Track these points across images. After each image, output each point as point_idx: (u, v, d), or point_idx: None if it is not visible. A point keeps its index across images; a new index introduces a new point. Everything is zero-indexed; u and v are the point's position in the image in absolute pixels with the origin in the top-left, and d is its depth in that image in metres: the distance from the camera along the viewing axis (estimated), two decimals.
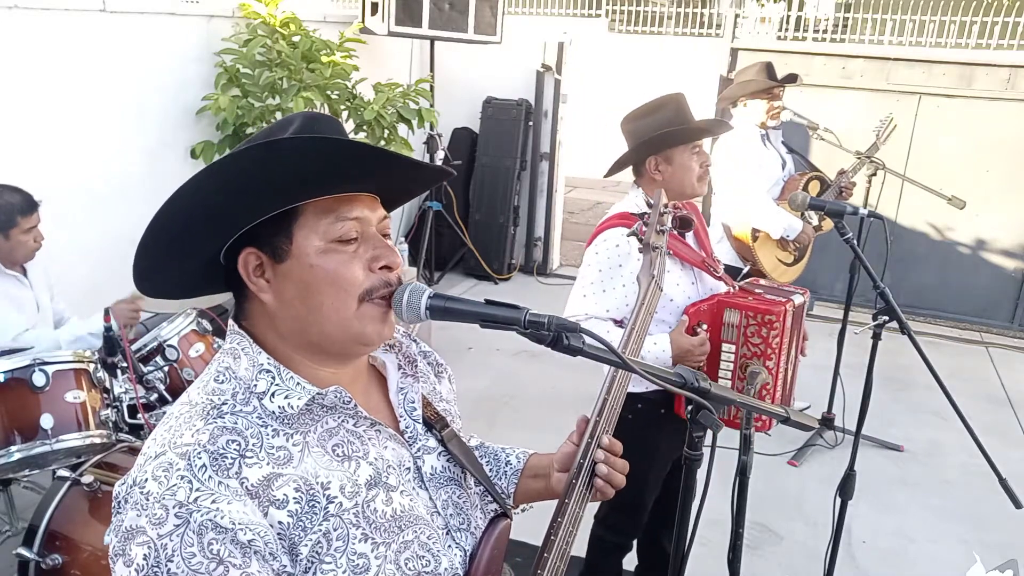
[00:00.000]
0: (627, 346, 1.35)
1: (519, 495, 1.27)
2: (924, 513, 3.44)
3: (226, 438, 0.87)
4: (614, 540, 2.45)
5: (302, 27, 4.43)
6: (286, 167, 0.90)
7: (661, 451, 2.26)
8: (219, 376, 0.94)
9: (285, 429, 0.92)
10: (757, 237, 3.65)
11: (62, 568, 2.04)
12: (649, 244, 1.62)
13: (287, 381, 0.94)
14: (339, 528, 0.89)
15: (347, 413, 0.98)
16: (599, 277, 2.11)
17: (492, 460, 1.30)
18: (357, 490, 0.93)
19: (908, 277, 5.85)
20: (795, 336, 2.19)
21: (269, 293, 0.96)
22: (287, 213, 0.94)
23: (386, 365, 1.11)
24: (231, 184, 0.91)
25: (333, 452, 0.94)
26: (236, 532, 0.81)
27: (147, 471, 0.84)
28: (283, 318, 0.97)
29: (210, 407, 0.90)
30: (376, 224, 0.99)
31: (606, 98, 9.92)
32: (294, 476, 0.89)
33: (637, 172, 2.22)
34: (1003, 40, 5.73)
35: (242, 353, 0.96)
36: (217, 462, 0.85)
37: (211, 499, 0.82)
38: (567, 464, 1.18)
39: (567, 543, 1.09)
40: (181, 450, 0.85)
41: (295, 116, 0.98)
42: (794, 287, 2.26)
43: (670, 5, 7.79)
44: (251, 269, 0.96)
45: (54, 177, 3.56)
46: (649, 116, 2.17)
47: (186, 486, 0.82)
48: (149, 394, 2.70)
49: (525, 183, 6.54)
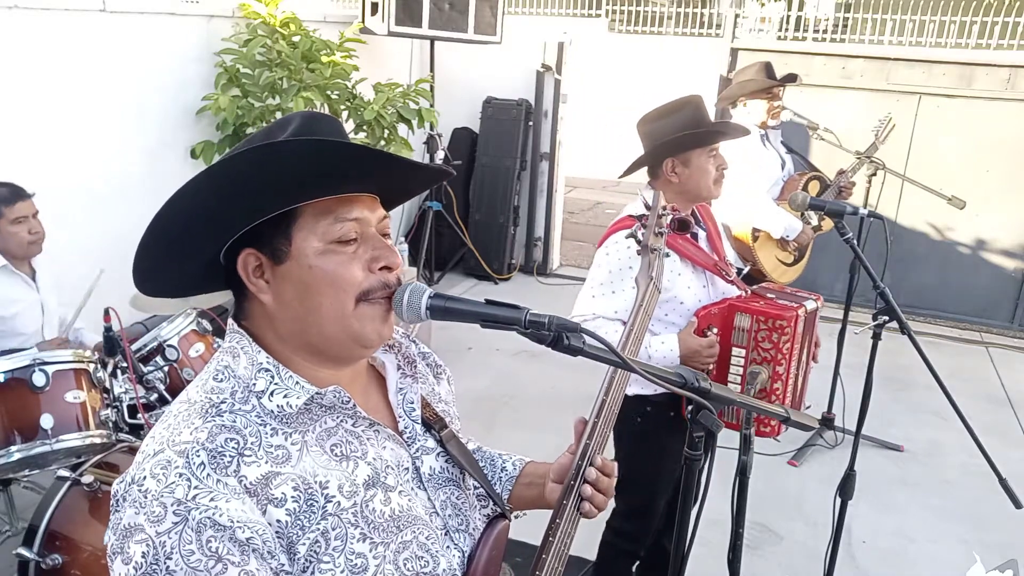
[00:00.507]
0: (625, 348, 1.35)
1: (512, 502, 1.26)
2: (924, 513, 3.44)
3: (225, 436, 0.87)
4: (625, 547, 2.44)
5: (302, 27, 4.43)
6: (283, 169, 0.90)
7: (671, 454, 2.25)
8: (218, 375, 0.94)
9: (284, 428, 0.92)
10: (757, 237, 3.65)
11: (62, 568, 2.04)
12: (647, 246, 1.61)
13: (286, 380, 0.94)
14: (337, 527, 0.89)
15: (346, 413, 0.98)
16: (608, 278, 2.11)
17: (488, 465, 1.30)
18: (355, 490, 0.93)
19: (908, 277, 5.85)
20: (807, 341, 2.18)
21: (268, 294, 0.96)
22: (286, 214, 0.94)
23: (385, 365, 1.11)
24: (228, 187, 0.91)
25: (331, 452, 0.94)
26: (235, 530, 0.82)
27: (145, 469, 0.84)
28: (282, 319, 0.97)
29: (209, 405, 0.90)
30: (376, 224, 0.99)
31: (606, 98, 9.93)
32: (292, 475, 0.89)
33: (653, 173, 2.22)
34: (1003, 40, 5.73)
35: (241, 352, 0.96)
36: (215, 460, 0.85)
37: (209, 497, 0.82)
38: (563, 475, 1.17)
39: (565, 544, 1.09)
40: (179, 448, 0.85)
41: (294, 116, 0.98)
42: (807, 292, 2.25)
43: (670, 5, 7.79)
44: (250, 270, 0.96)
45: (54, 177, 3.56)
46: (667, 117, 2.17)
47: (184, 484, 0.82)
48: (149, 394, 2.71)
49: (525, 183, 6.54)
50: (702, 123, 2.15)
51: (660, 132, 2.16)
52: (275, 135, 0.95)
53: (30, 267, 2.88)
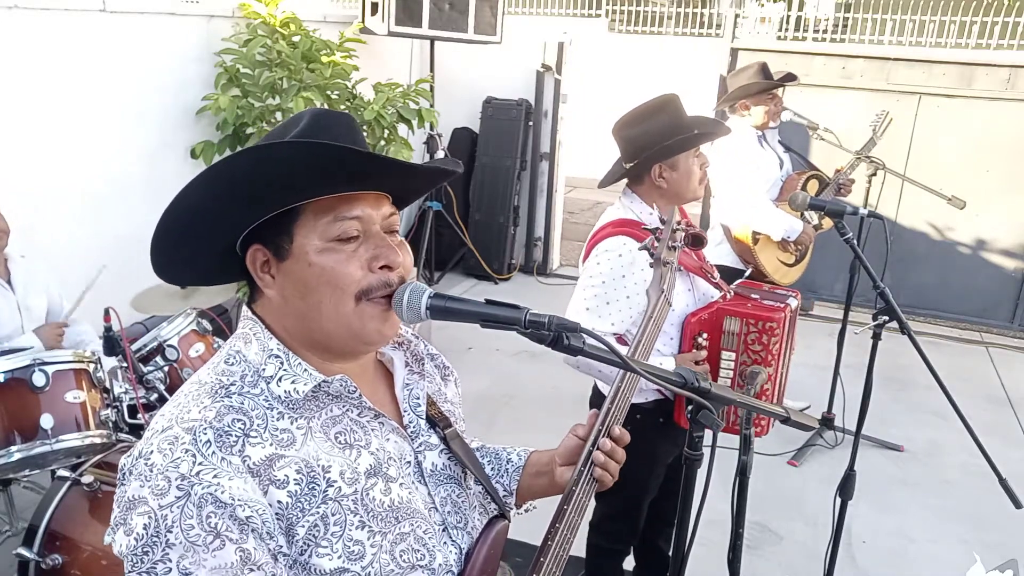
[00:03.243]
0: (635, 358, 1.35)
1: (522, 493, 1.27)
2: (924, 513, 3.44)
3: (232, 416, 0.89)
4: (611, 547, 2.44)
5: (302, 27, 4.43)
6: (279, 170, 0.91)
7: (658, 458, 2.27)
8: (229, 358, 0.97)
9: (290, 413, 0.93)
10: (758, 239, 3.64)
11: (62, 568, 2.04)
12: (661, 259, 1.61)
13: (295, 367, 0.96)
14: (337, 513, 0.91)
15: (352, 402, 0.99)
16: (603, 289, 2.04)
17: (493, 459, 1.30)
18: (356, 477, 0.94)
19: (908, 277, 5.85)
20: (791, 339, 2.19)
21: (273, 289, 0.98)
22: (288, 212, 0.95)
23: (393, 361, 1.12)
24: (226, 187, 0.92)
25: (335, 439, 0.96)
26: (235, 508, 0.83)
27: (153, 444, 0.86)
28: (287, 313, 0.98)
29: (219, 386, 0.93)
30: (381, 222, 0.99)
31: (606, 98, 9.91)
32: (296, 458, 0.90)
33: (637, 179, 2.15)
34: (1003, 40, 5.73)
35: (253, 338, 0.98)
36: (221, 439, 0.86)
37: (213, 474, 0.84)
38: (570, 457, 1.19)
39: (564, 550, 1.09)
40: (187, 425, 0.87)
41: (305, 113, 0.99)
42: (786, 289, 2.25)
43: (670, 5, 7.79)
44: (258, 265, 0.98)
45: (54, 177, 3.56)
46: (646, 122, 2.10)
47: (189, 459, 0.84)
48: (149, 394, 2.70)
49: (525, 183, 6.54)
50: (683, 125, 2.08)
51: (640, 138, 2.09)
52: (284, 133, 0.96)
53: (5, 268, 2.85)
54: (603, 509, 2.42)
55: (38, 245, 3.39)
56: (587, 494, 1.13)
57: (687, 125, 2.10)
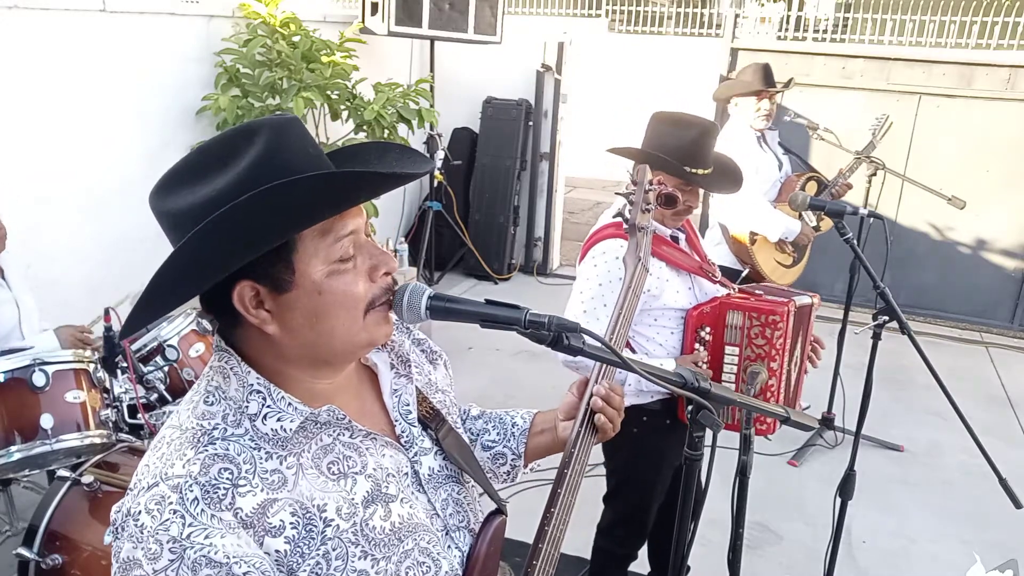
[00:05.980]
0: (615, 330, 1.37)
1: (529, 453, 1.30)
2: (924, 513, 3.44)
3: (218, 467, 0.86)
4: (620, 551, 2.42)
5: (302, 27, 4.43)
6: (286, 205, 0.85)
7: (667, 460, 2.25)
8: (209, 396, 0.93)
9: (278, 452, 0.91)
10: (755, 240, 3.65)
11: (62, 568, 2.04)
12: (635, 225, 1.60)
13: (278, 402, 0.92)
14: (338, 548, 0.89)
15: (342, 427, 0.97)
16: (599, 292, 2.04)
17: (498, 424, 1.33)
18: (354, 510, 0.92)
19: (908, 277, 5.85)
20: (799, 338, 2.17)
21: (273, 324, 0.92)
22: (283, 244, 0.89)
23: (378, 365, 1.10)
24: (226, 236, 0.85)
25: (328, 471, 0.93)
26: (231, 566, 0.81)
27: (140, 503, 0.84)
28: (290, 344, 0.93)
29: (200, 433, 0.89)
30: (364, 230, 0.97)
31: (606, 98, 9.93)
32: (290, 500, 0.88)
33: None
34: (1003, 40, 5.73)
35: (231, 373, 0.93)
36: (209, 495, 0.84)
37: (204, 534, 0.82)
38: (570, 412, 1.23)
39: (557, 546, 1.10)
40: (173, 483, 0.84)
41: (259, 126, 0.89)
42: (802, 291, 2.24)
43: (670, 5, 7.80)
44: (247, 301, 0.90)
45: (54, 177, 3.56)
46: (675, 128, 2.08)
47: (179, 521, 0.82)
48: (149, 394, 2.70)
49: (525, 183, 6.54)
50: (698, 155, 2.05)
51: (661, 138, 2.09)
52: (240, 149, 0.87)
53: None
54: (611, 514, 2.40)
55: (38, 245, 3.40)
56: (586, 451, 1.18)
57: (698, 156, 2.06)
